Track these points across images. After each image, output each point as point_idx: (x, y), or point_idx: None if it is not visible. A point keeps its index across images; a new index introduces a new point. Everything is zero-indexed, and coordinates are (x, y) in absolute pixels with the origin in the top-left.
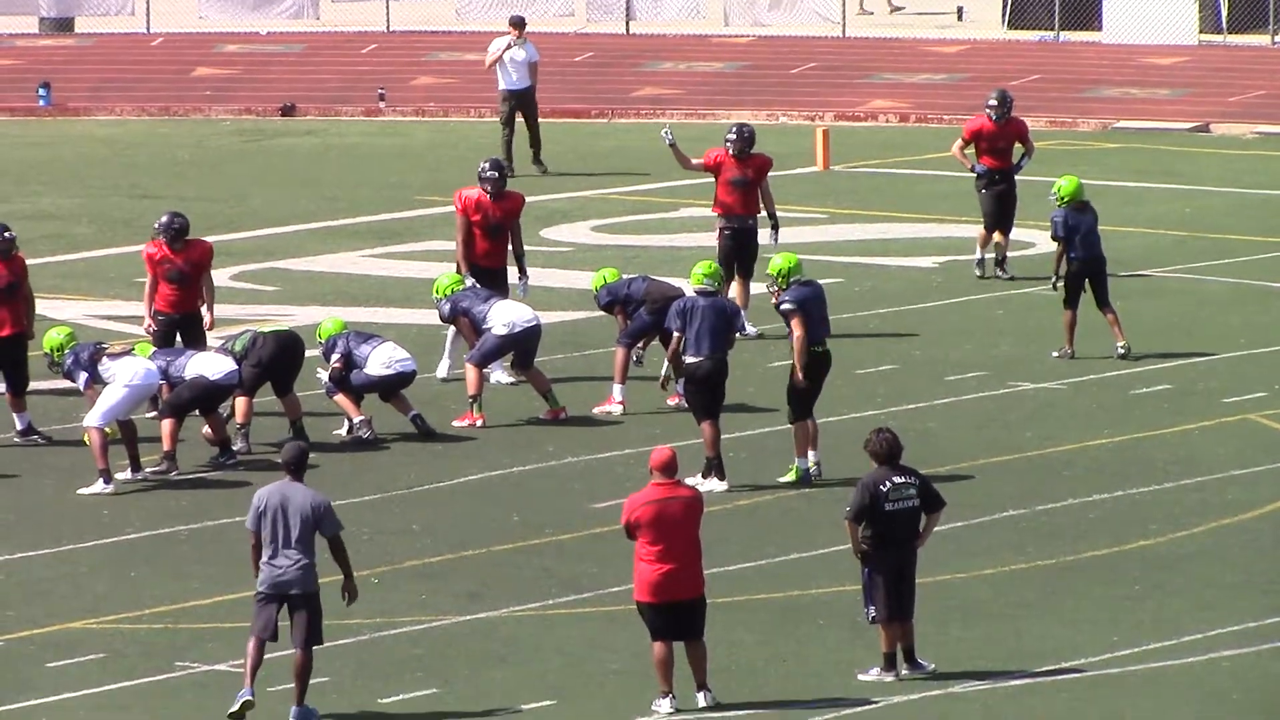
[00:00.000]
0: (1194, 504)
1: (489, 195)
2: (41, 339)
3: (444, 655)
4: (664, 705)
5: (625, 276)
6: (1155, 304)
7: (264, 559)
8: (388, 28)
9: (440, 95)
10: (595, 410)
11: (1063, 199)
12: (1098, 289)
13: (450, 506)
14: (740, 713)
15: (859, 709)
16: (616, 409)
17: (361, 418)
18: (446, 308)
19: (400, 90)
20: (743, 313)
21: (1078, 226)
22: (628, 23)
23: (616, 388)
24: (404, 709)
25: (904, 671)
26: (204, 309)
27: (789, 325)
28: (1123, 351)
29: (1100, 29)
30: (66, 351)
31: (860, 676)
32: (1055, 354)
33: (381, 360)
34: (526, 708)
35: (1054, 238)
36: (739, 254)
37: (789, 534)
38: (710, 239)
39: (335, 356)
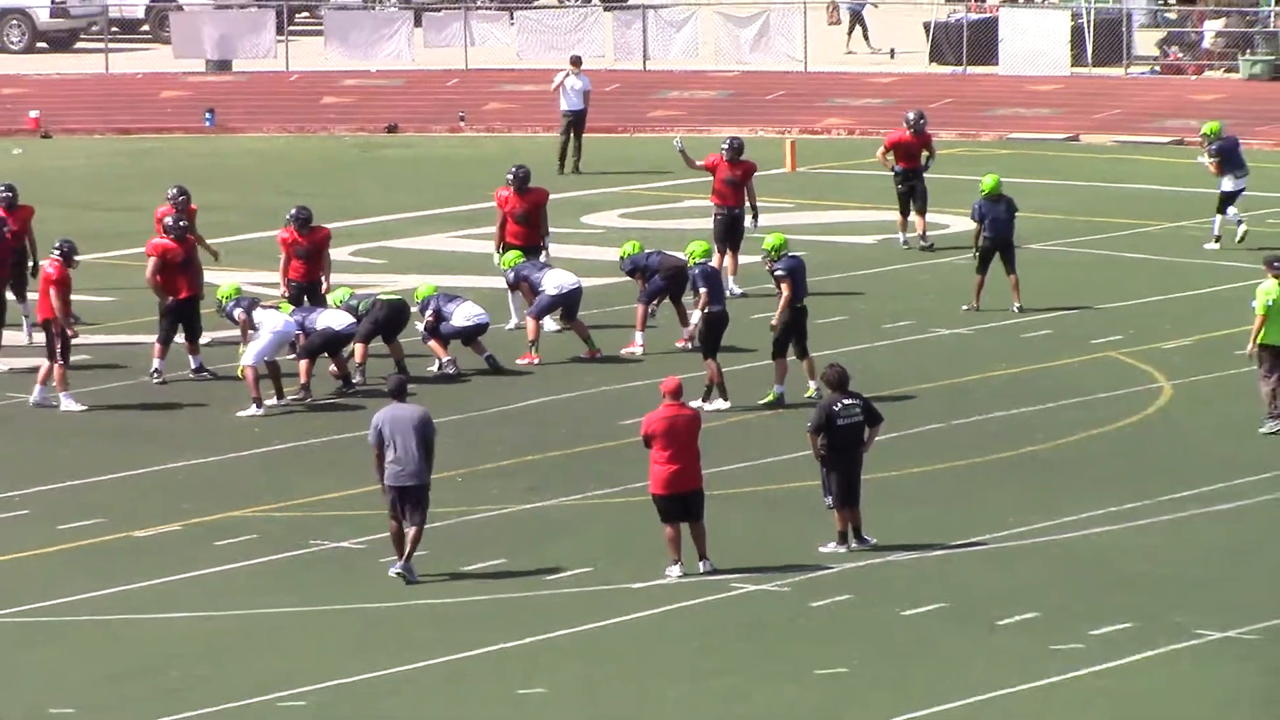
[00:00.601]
0: (1070, 420)
1: (515, 192)
2: (215, 293)
3: (510, 534)
4: (674, 570)
5: (645, 250)
6: (1040, 271)
7: (387, 462)
8: (466, 66)
9: (506, 117)
10: (622, 351)
11: (983, 191)
12: (1006, 260)
13: (515, 423)
14: (730, 576)
15: (820, 573)
16: (638, 350)
17: (448, 358)
18: (511, 275)
19: (476, 113)
20: (731, 277)
21: (989, 213)
22: (644, 61)
23: (637, 335)
24: (481, 573)
25: (853, 545)
26: (323, 278)
27: (779, 287)
28: (1017, 309)
29: (998, 64)
30: (230, 300)
31: (820, 549)
32: (965, 308)
33: (464, 315)
34: (572, 572)
35: (973, 219)
36: (730, 235)
37: (767, 442)
38: (706, 223)
39: (428, 312)
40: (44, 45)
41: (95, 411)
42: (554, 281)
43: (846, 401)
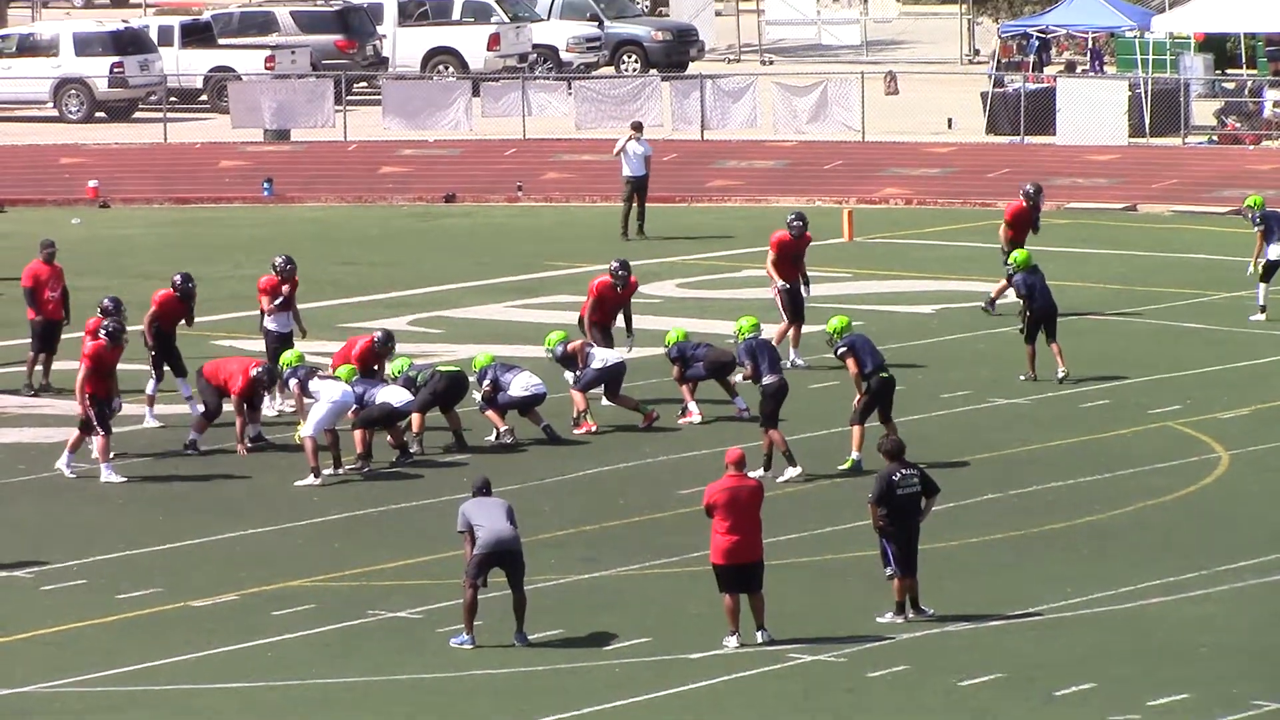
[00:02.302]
0: (1128, 489)
1: (617, 287)
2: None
3: (567, 604)
4: (732, 641)
5: (692, 341)
6: (1097, 339)
7: (478, 536)
8: (524, 135)
9: (564, 186)
10: (680, 422)
11: (1018, 266)
12: (1049, 330)
13: (572, 493)
14: (788, 646)
15: (877, 643)
16: (695, 419)
17: (506, 428)
18: (560, 350)
19: (534, 182)
20: (794, 349)
21: (1033, 284)
22: (702, 131)
23: (690, 404)
24: (538, 643)
25: (911, 615)
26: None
27: (846, 364)
28: (1061, 376)
29: (1055, 134)
30: (289, 368)
31: (878, 619)
32: (1021, 378)
33: (521, 385)
34: (630, 642)
35: (1018, 294)
36: (796, 307)
37: (826, 513)
38: (763, 293)
39: (486, 382)
40: (103, 115)
41: (151, 481)
42: (600, 357)
43: (905, 471)
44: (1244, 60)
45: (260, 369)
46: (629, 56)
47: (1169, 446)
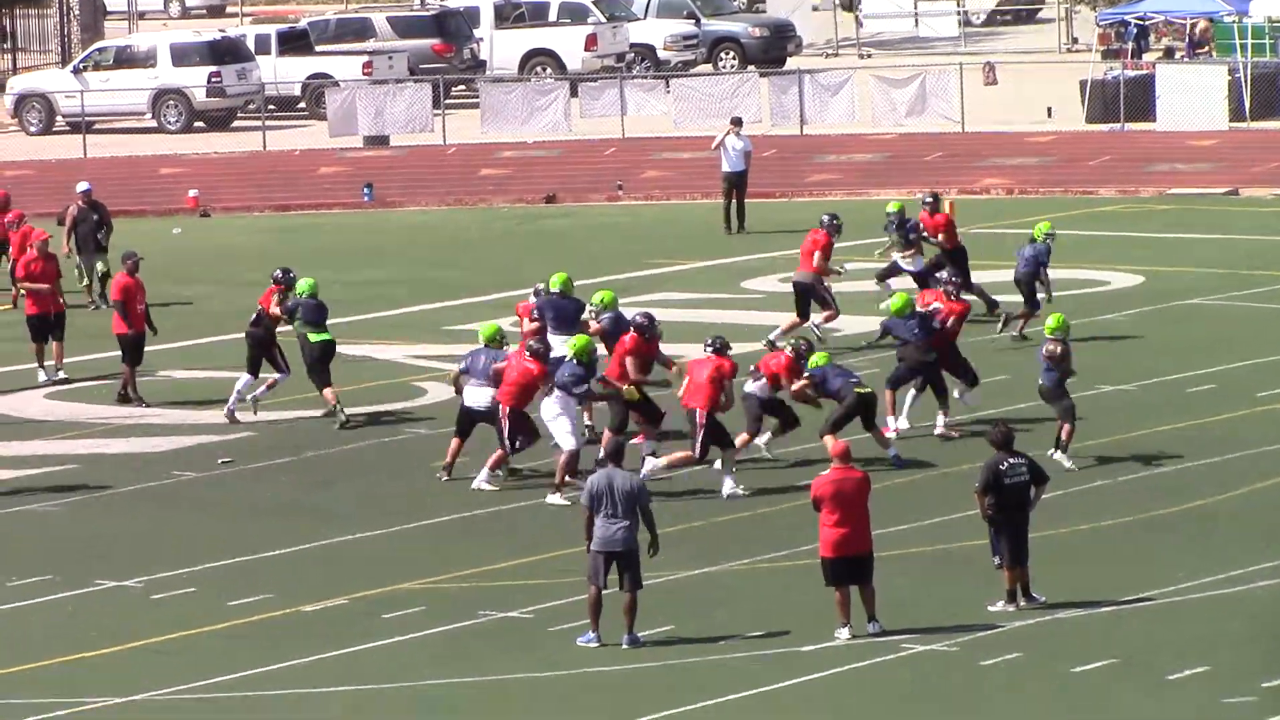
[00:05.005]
0: (1236, 473)
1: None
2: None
3: (678, 601)
4: (844, 633)
5: (834, 367)
6: (1203, 324)
7: (596, 525)
8: (623, 134)
9: (663, 184)
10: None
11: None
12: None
13: (677, 488)
14: (900, 637)
15: (989, 632)
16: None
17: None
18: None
19: (634, 181)
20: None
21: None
22: (801, 126)
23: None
24: (649, 640)
25: (1022, 604)
26: None
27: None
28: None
29: (1155, 120)
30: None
31: (989, 608)
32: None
33: None
34: (741, 636)
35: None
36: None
37: (935, 504)
38: (862, 285)
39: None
40: (201, 125)
41: (257, 485)
42: None
43: (1013, 460)
44: None
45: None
46: (726, 53)
47: (1277, 430)
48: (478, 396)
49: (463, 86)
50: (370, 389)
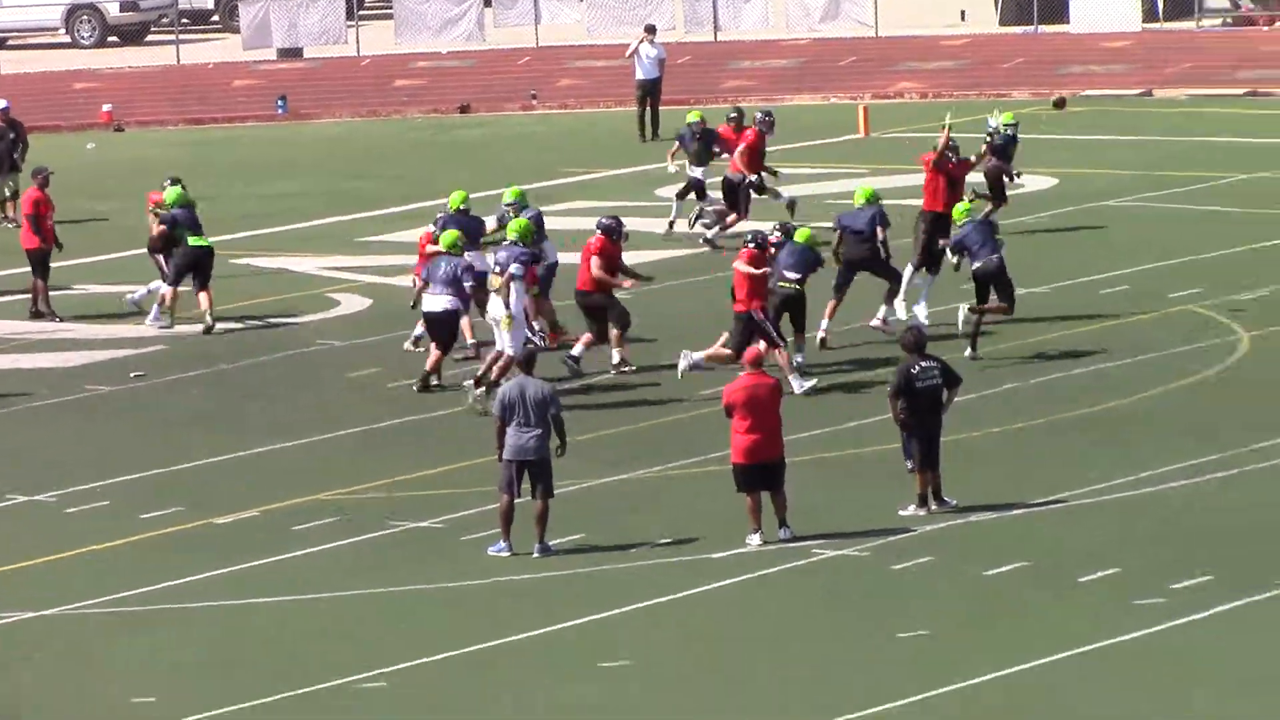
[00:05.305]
0: (1149, 375)
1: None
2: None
3: (590, 508)
4: (754, 539)
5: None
6: (1116, 226)
7: (509, 435)
8: (537, 44)
9: (577, 93)
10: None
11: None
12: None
13: (591, 397)
14: (811, 542)
15: (900, 536)
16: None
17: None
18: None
19: (548, 90)
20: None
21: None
22: (715, 32)
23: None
24: (561, 548)
25: (934, 507)
26: None
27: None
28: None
29: (1069, 22)
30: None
31: (900, 512)
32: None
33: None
34: (653, 544)
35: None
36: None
37: (846, 408)
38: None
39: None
40: (115, 39)
41: (170, 398)
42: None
43: (925, 364)
44: None
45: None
46: None
47: (1190, 330)
48: (433, 303)
49: None
50: (283, 300)
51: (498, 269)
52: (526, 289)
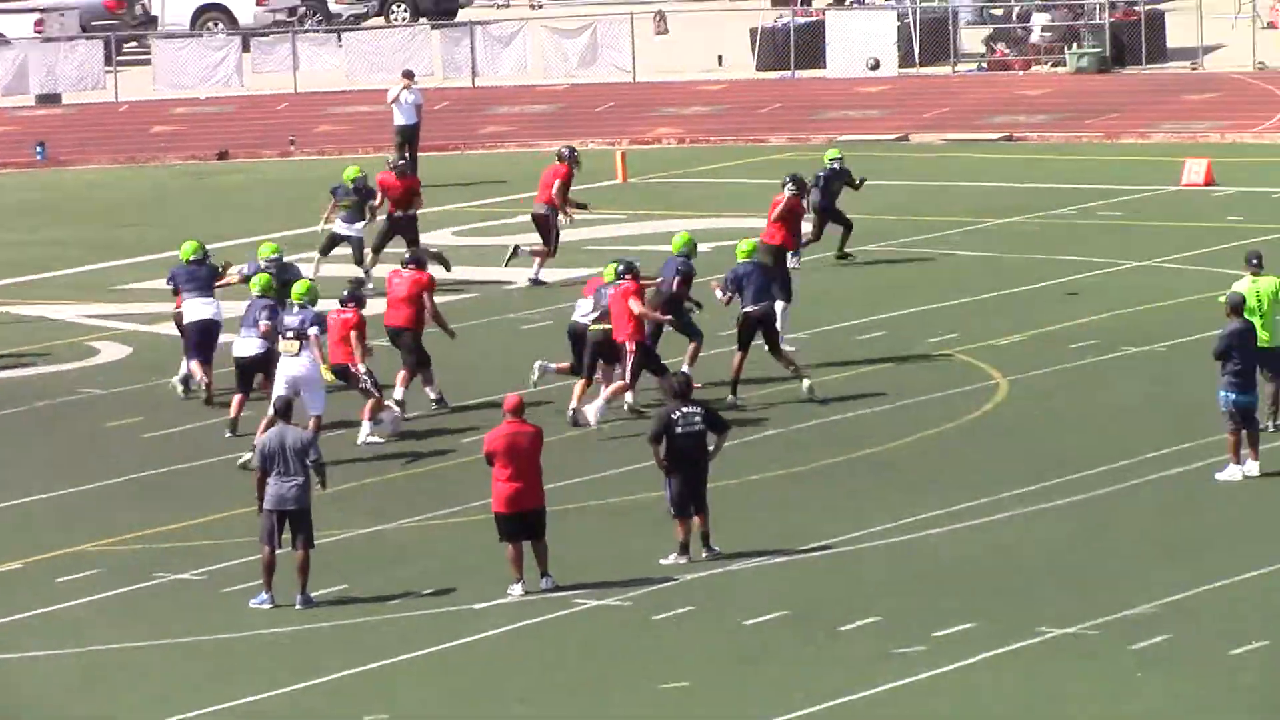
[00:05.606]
0: (909, 420)
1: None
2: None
3: (352, 559)
4: (517, 589)
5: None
6: (875, 272)
7: (270, 484)
8: (295, 89)
9: (336, 139)
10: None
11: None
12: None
13: (353, 446)
14: (573, 592)
15: (662, 585)
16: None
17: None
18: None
19: (306, 136)
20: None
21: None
22: (474, 78)
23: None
24: (324, 599)
25: (704, 555)
26: None
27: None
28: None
29: (826, 67)
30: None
31: (662, 561)
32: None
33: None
34: (415, 595)
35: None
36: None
37: (609, 456)
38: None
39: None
40: None
41: None
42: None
43: (686, 410)
44: None
45: None
46: (398, 6)
47: (948, 375)
48: (244, 346)
49: (134, 43)
50: (44, 348)
51: (290, 333)
52: (338, 343)
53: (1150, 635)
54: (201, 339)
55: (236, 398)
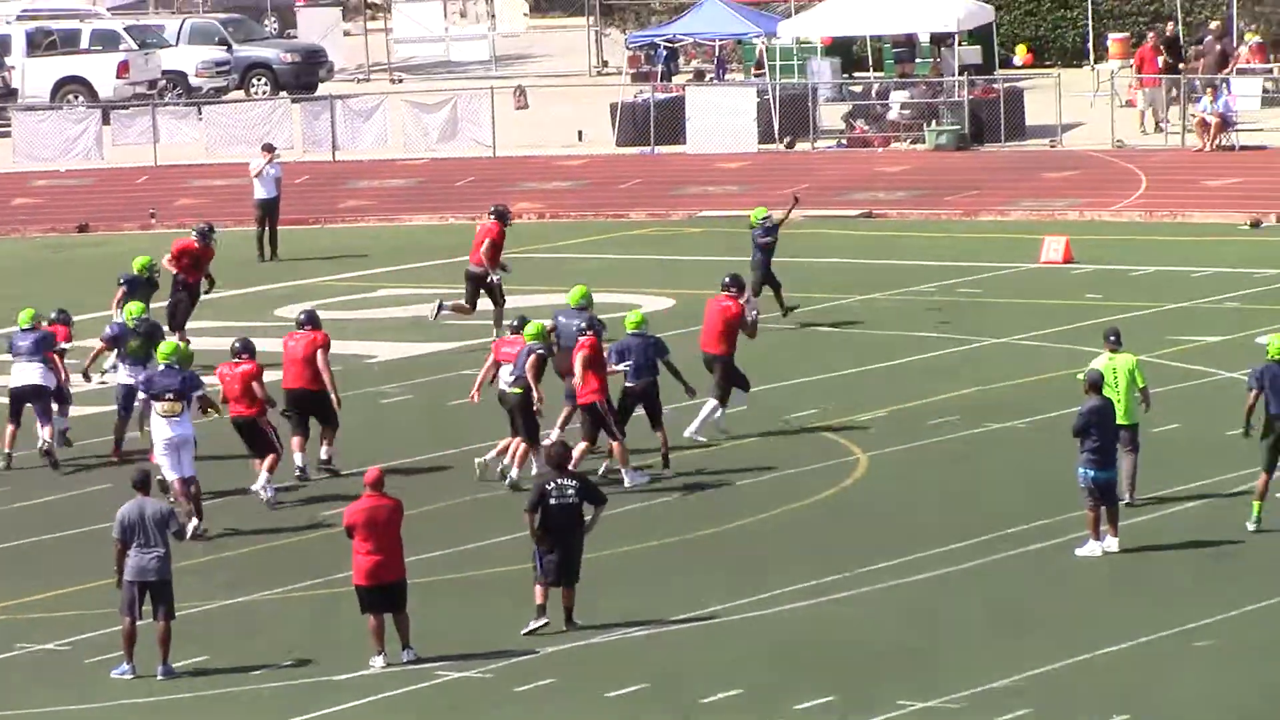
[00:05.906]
0: (769, 494)
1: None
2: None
3: (211, 630)
4: (378, 661)
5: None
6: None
7: (130, 555)
8: (155, 162)
9: (196, 212)
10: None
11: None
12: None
13: (211, 517)
14: (435, 664)
15: (524, 658)
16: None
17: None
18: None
19: (167, 209)
20: None
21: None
22: (334, 151)
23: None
24: (183, 670)
25: (566, 628)
26: None
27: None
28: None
29: (685, 143)
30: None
31: (523, 632)
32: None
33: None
34: (275, 666)
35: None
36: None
37: (470, 528)
38: (400, 311)
39: None
40: None
41: None
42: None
43: (561, 481)
44: (871, 63)
45: None
46: (259, 79)
47: (809, 450)
48: (22, 375)
49: None
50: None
51: (170, 395)
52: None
53: (1012, 709)
54: (33, 403)
55: (9, 428)
